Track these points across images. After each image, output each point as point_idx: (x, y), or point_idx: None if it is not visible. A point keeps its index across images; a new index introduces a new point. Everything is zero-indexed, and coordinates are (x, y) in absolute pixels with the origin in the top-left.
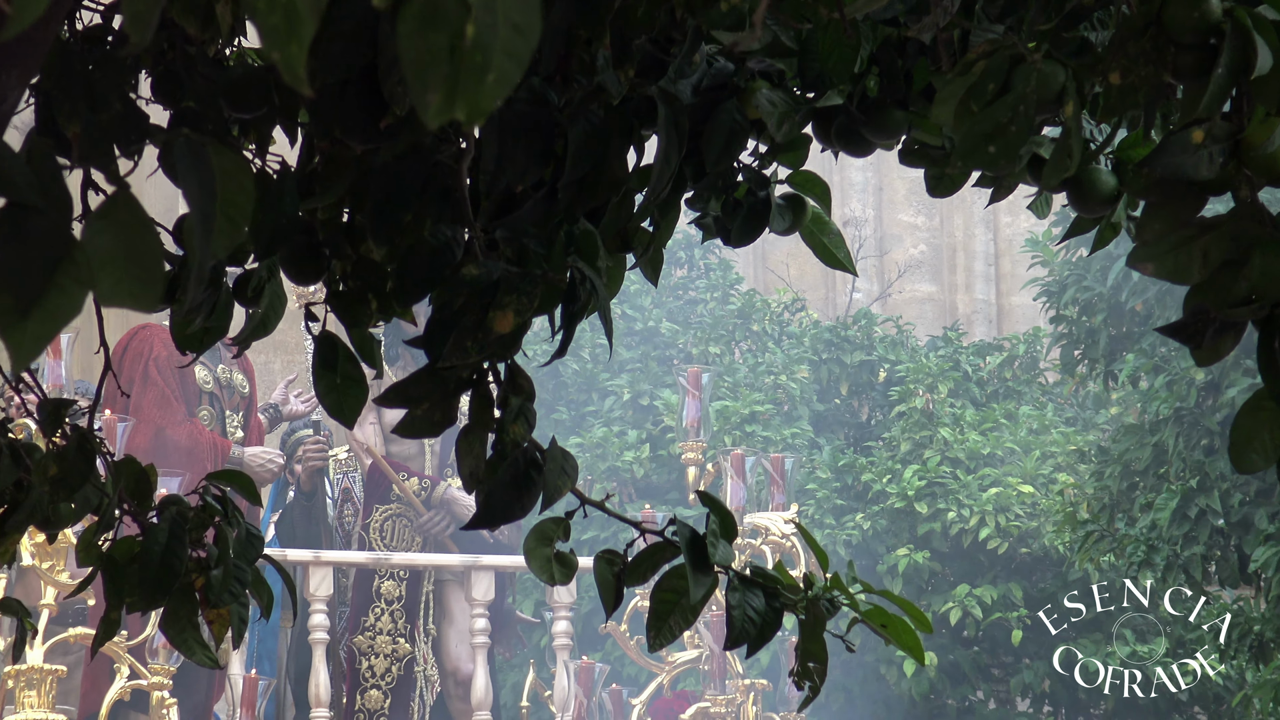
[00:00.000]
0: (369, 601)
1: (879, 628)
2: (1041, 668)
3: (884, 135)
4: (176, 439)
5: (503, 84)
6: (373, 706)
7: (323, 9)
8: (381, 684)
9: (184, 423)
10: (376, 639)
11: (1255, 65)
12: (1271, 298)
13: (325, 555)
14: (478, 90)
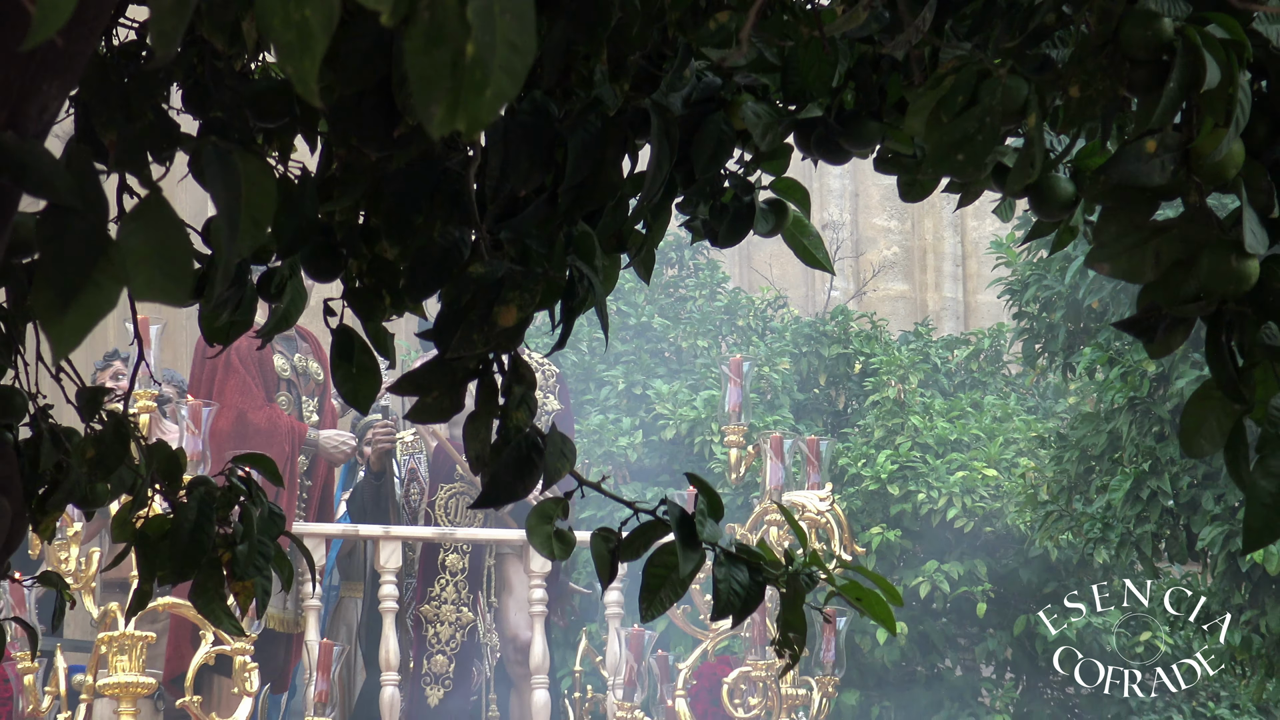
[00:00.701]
0: (434, 573)
1: (854, 600)
2: (1004, 637)
3: (860, 145)
4: (257, 422)
5: (500, 98)
6: (438, 670)
7: (334, 27)
8: (446, 650)
9: (264, 407)
10: (442, 608)
11: (1204, 80)
12: (1218, 295)
13: (394, 531)
14: (477, 103)
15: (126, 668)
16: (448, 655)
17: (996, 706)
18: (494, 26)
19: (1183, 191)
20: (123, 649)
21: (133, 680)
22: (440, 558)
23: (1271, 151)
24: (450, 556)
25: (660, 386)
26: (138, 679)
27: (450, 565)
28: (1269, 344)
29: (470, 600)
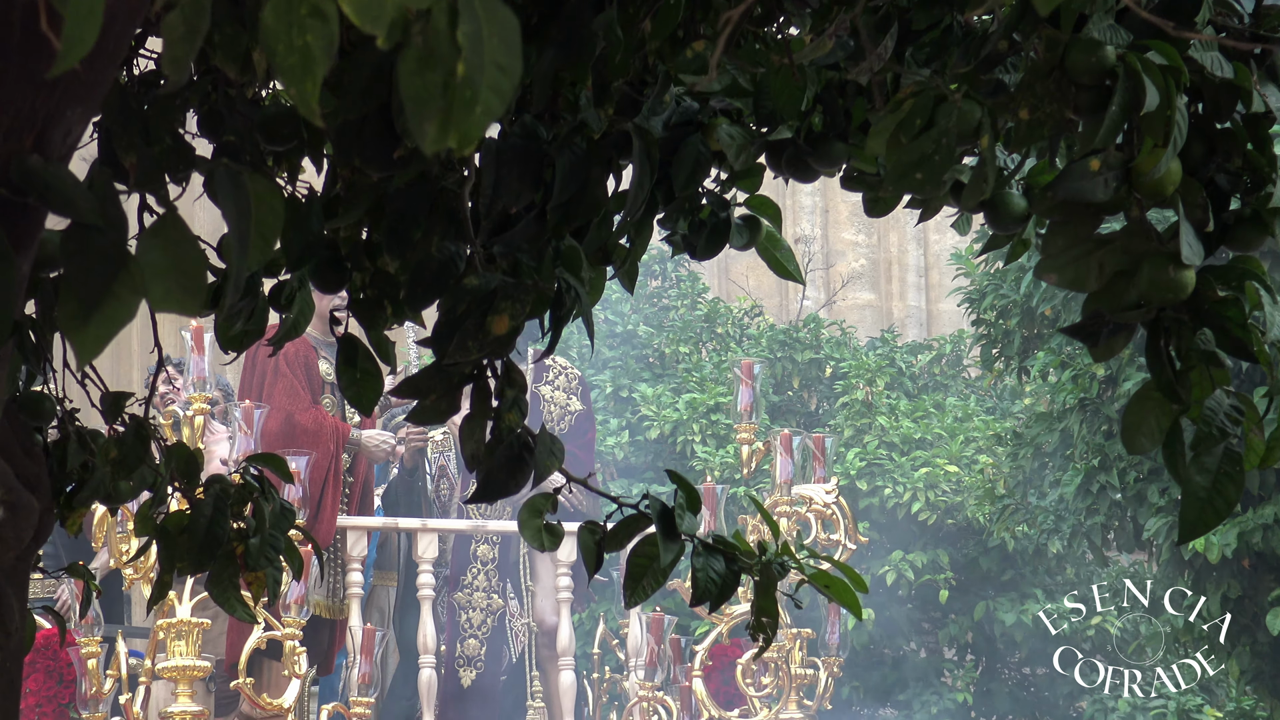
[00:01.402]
0: (467, 563)
1: (823, 588)
2: (965, 622)
3: (827, 164)
4: (303, 423)
5: (489, 115)
6: (470, 654)
7: (333, 52)
8: (478, 634)
9: (310, 409)
10: (474, 595)
11: (1144, 103)
12: (1158, 303)
13: (431, 523)
14: (467, 121)
15: (183, 652)
16: (479, 639)
17: (958, 686)
18: (482, 49)
19: (1125, 207)
20: (180, 634)
21: (189, 664)
22: (472, 548)
23: (1206, 169)
24: (481, 547)
25: (645, 390)
26: (194, 662)
27: (482, 555)
28: (1204, 349)
29: (501, 588)
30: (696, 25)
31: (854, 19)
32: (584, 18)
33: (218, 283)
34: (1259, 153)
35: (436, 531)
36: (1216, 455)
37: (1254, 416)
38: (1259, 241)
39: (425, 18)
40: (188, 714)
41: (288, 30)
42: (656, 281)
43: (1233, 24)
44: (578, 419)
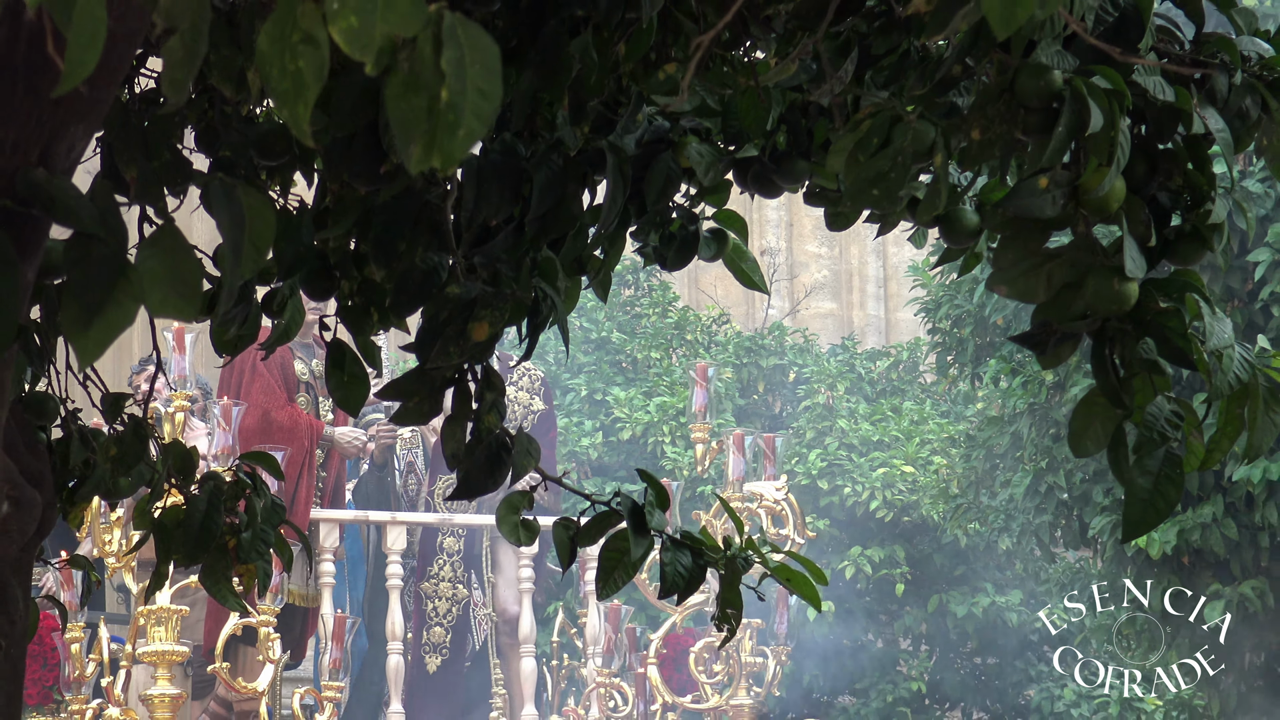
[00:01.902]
0: (433, 554)
1: (785, 581)
2: (920, 614)
3: (790, 181)
4: (280, 420)
5: (470, 138)
6: (436, 640)
7: (323, 77)
8: (444, 622)
9: (286, 407)
10: (440, 585)
11: (1090, 124)
12: (1102, 313)
13: (400, 516)
14: (450, 143)
15: (162, 638)
16: (444, 627)
17: (912, 675)
18: (465, 75)
19: (1071, 223)
20: (159, 621)
21: (168, 649)
22: (439, 540)
23: (1148, 188)
24: (448, 539)
25: (618, 393)
26: (173, 647)
27: (448, 547)
28: (1146, 357)
29: (465, 578)
30: (668, 49)
31: (816, 44)
32: (561, 41)
33: (213, 290)
34: (1198, 172)
35: (405, 524)
36: (1158, 458)
37: (1193, 421)
38: (1198, 256)
39: (411, 45)
40: (166, 697)
41: (281, 56)
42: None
43: (1174, 50)
44: (540, 418)
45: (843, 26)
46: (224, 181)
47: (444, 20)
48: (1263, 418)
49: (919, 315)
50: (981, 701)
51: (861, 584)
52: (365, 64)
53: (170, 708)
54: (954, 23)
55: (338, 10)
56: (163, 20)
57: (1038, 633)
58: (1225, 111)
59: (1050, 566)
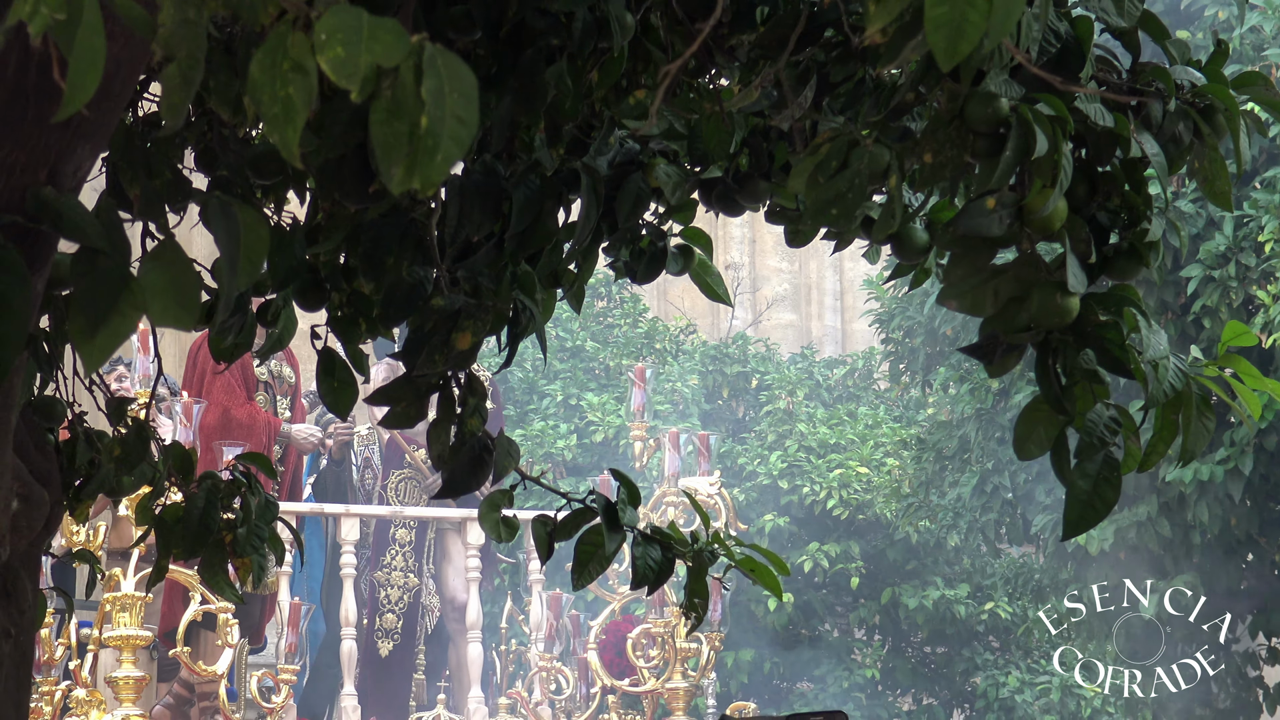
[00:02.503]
0: (386, 545)
1: (749, 572)
2: (873, 606)
3: (753, 200)
4: (239, 417)
5: (449, 162)
6: (388, 626)
7: (312, 103)
8: (395, 609)
9: (245, 405)
10: (392, 574)
11: (1035, 149)
12: (1046, 326)
13: (354, 509)
14: (430, 166)
15: (127, 623)
16: (396, 614)
17: (866, 663)
18: (444, 104)
19: (1017, 241)
20: (124, 607)
21: (133, 633)
22: (391, 532)
23: (1089, 208)
24: (400, 531)
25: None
26: (137, 632)
27: (400, 538)
28: (1086, 367)
29: (416, 568)
30: (638, 76)
31: (778, 72)
32: (538, 69)
33: (211, 301)
34: (1135, 193)
35: (359, 516)
36: (1097, 461)
37: (1131, 427)
38: (1135, 272)
39: (394, 74)
40: (131, 679)
41: (271, 83)
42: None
43: (1113, 79)
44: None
45: (803, 56)
46: (221, 199)
47: (425, 51)
48: (1196, 423)
49: (873, 326)
50: (931, 688)
51: (819, 577)
52: (351, 91)
53: (135, 690)
54: (905, 53)
55: (326, 41)
56: (161, 49)
57: (984, 624)
58: (1160, 136)
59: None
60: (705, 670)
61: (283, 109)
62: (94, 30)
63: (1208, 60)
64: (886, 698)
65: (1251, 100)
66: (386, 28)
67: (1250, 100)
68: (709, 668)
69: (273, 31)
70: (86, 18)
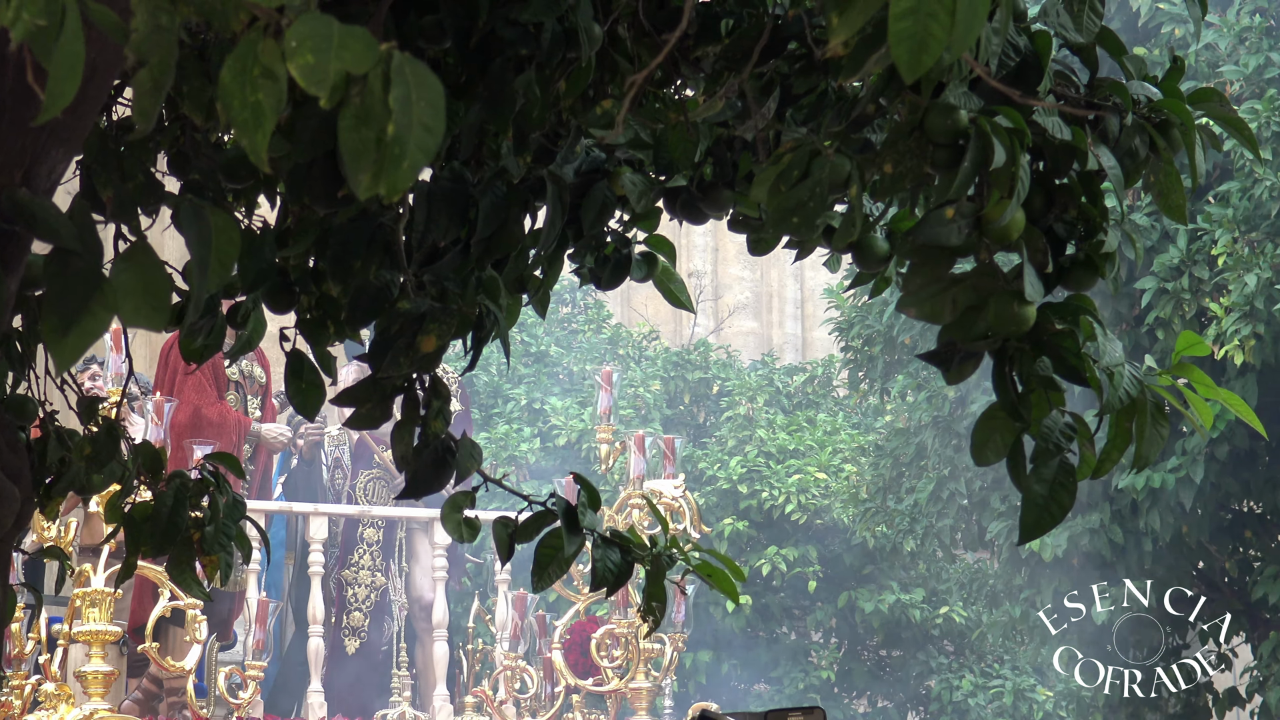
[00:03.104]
0: (354, 544)
1: (705, 577)
2: (830, 609)
3: (716, 209)
4: (210, 416)
5: (415, 169)
6: (355, 625)
7: (281, 109)
8: (363, 607)
9: (216, 404)
10: (359, 573)
11: (993, 160)
12: (1003, 334)
13: (322, 508)
14: (396, 173)
15: (97, 618)
16: (363, 612)
17: (823, 665)
18: (411, 112)
19: (975, 250)
20: (94, 603)
21: (102, 629)
22: (359, 531)
23: (1046, 219)
24: (368, 530)
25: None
26: (106, 628)
27: (368, 538)
28: (1043, 374)
29: (384, 567)
30: (605, 86)
31: (742, 83)
32: (506, 78)
33: (182, 303)
34: (1092, 205)
35: (327, 515)
36: (1053, 467)
37: (1086, 434)
38: (1091, 282)
39: (362, 82)
40: (100, 674)
41: (242, 89)
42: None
43: (1071, 93)
44: (456, 418)
45: (766, 68)
46: (193, 202)
47: (393, 60)
48: (1150, 431)
49: (833, 334)
50: (886, 691)
51: (777, 580)
52: (320, 98)
53: (104, 684)
54: (868, 66)
55: (296, 48)
56: (134, 54)
57: (938, 628)
58: (1117, 150)
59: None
60: (668, 670)
61: (252, 114)
62: (75, 37)
63: (1164, 76)
64: (842, 700)
65: (1206, 115)
66: (356, 36)
67: (1205, 116)
68: (672, 668)
69: (244, 38)
70: (68, 25)
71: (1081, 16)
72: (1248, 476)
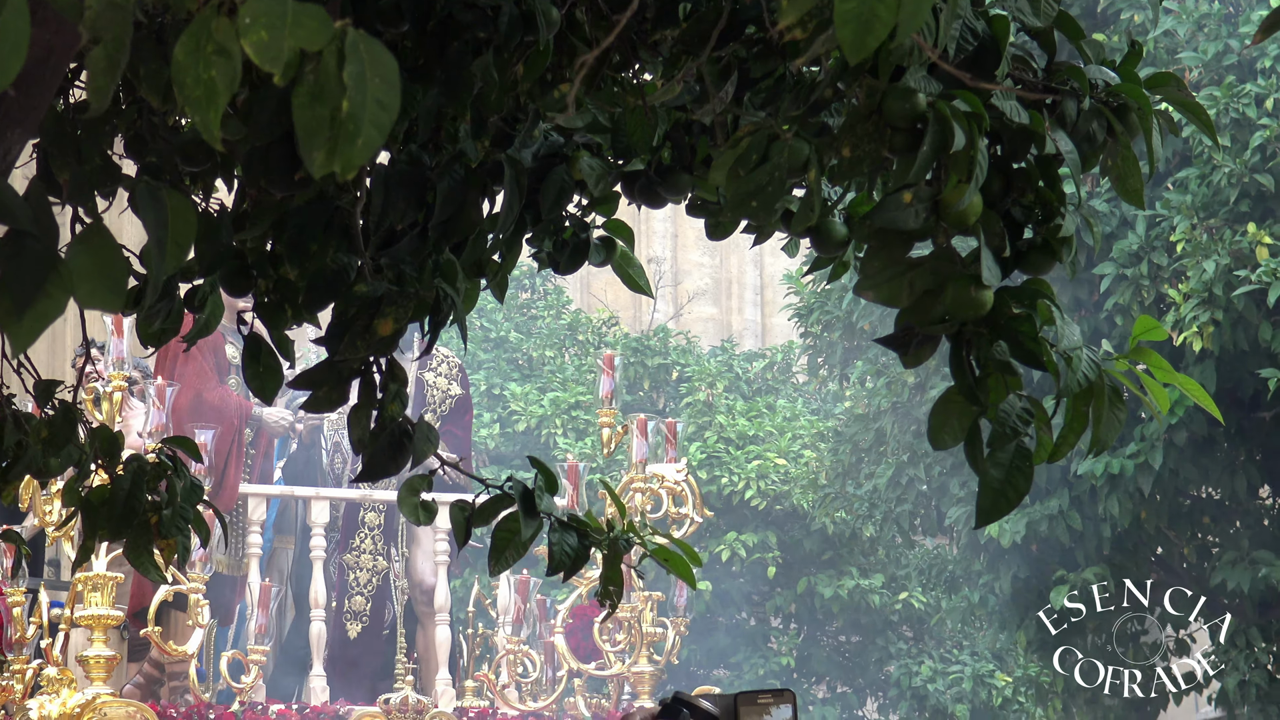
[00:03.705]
0: (355, 528)
1: (663, 562)
2: (789, 595)
3: (674, 193)
4: (211, 401)
5: (370, 147)
6: (357, 609)
7: (234, 87)
8: (364, 591)
9: (217, 388)
10: (361, 557)
11: (951, 144)
12: (960, 318)
13: (324, 492)
14: (350, 150)
15: (99, 602)
16: (365, 596)
17: (782, 651)
18: (365, 88)
19: (933, 234)
20: (96, 587)
21: (104, 613)
22: (360, 515)
23: (1004, 203)
24: (369, 514)
25: (514, 388)
26: (108, 612)
27: (369, 521)
28: (999, 358)
29: (385, 551)
30: (563, 70)
31: (700, 67)
32: (464, 61)
33: (139, 285)
34: (1049, 189)
35: (329, 499)
36: (1010, 451)
37: (1043, 418)
38: (1049, 266)
39: (317, 59)
40: (102, 658)
41: (196, 66)
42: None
43: (1028, 77)
44: (457, 403)
45: (724, 52)
46: (150, 185)
47: (347, 37)
48: (1107, 415)
49: (792, 320)
50: (845, 676)
51: (736, 566)
52: (274, 75)
53: (105, 668)
54: (815, 48)
55: (250, 25)
56: (88, 32)
57: (898, 613)
58: (1074, 134)
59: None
60: (671, 655)
61: (205, 92)
62: (19, 13)
63: (1122, 61)
64: (802, 685)
65: (1165, 101)
66: (310, 13)
67: (1163, 101)
68: (674, 652)
69: (199, 15)
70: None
71: (1039, 1)
72: (1206, 463)
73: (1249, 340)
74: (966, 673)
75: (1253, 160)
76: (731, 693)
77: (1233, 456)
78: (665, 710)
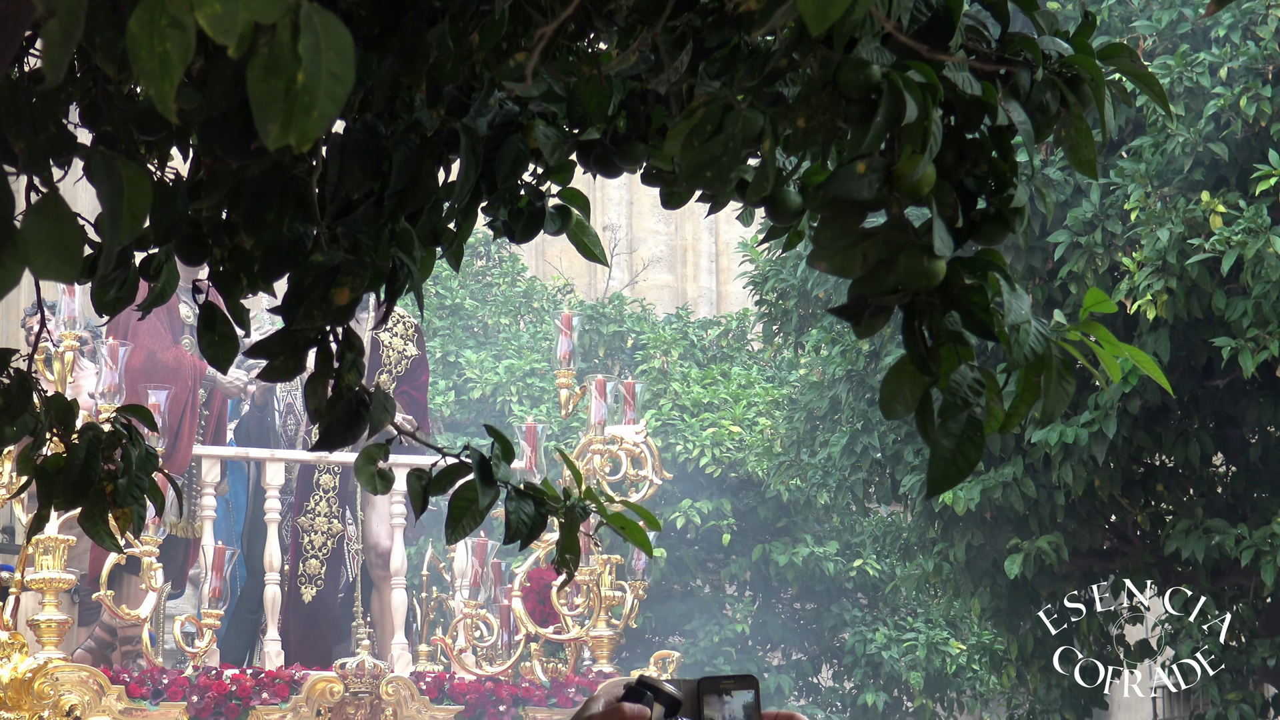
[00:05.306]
0: (310, 490)
1: (619, 529)
2: (744, 562)
3: (630, 162)
4: (165, 361)
5: (324, 119)
6: (311, 572)
7: (189, 59)
8: (319, 555)
9: (171, 348)
10: (315, 520)
11: (905, 115)
12: (913, 288)
13: (279, 453)
14: (305, 122)
15: (50, 566)
16: (320, 559)
17: (737, 618)
18: (320, 61)
19: (886, 204)
20: (47, 550)
21: (55, 576)
22: (315, 477)
23: (957, 173)
24: (324, 476)
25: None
26: (60, 575)
27: (324, 484)
28: (952, 329)
29: (340, 514)
30: (518, 39)
31: (655, 37)
32: (419, 30)
33: (94, 255)
34: (1002, 160)
35: (283, 461)
36: (961, 421)
37: (994, 388)
38: (1001, 237)
39: (271, 31)
40: (53, 622)
41: (150, 38)
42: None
43: (982, 48)
44: (413, 363)
45: (679, 21)
46: (105, 154)
47: (301, 9)
48: (1056, 386)
49: (747, 288)
50: (800, 643)
51: (691, 534)
52: (229, 48)
53: (57, 632)
54: (775, 19)
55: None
56: (43, 4)
57: (852, 581)
58: (1027, 105)
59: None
60: (629, 619)
61: (160, 64)
62: None
63: (1075, 31)
64: (756, 652)
65: (1118, 71)
66: None
67: (1116, 71)
68: (633, 615)
69: None
70: None
71: None
72: (1160, 431)
73: (1203, 309)
74: (921, 640)
75: (1207, 129)
76: (694, 678)
77: (1186, 425)
78: (630, 692)
